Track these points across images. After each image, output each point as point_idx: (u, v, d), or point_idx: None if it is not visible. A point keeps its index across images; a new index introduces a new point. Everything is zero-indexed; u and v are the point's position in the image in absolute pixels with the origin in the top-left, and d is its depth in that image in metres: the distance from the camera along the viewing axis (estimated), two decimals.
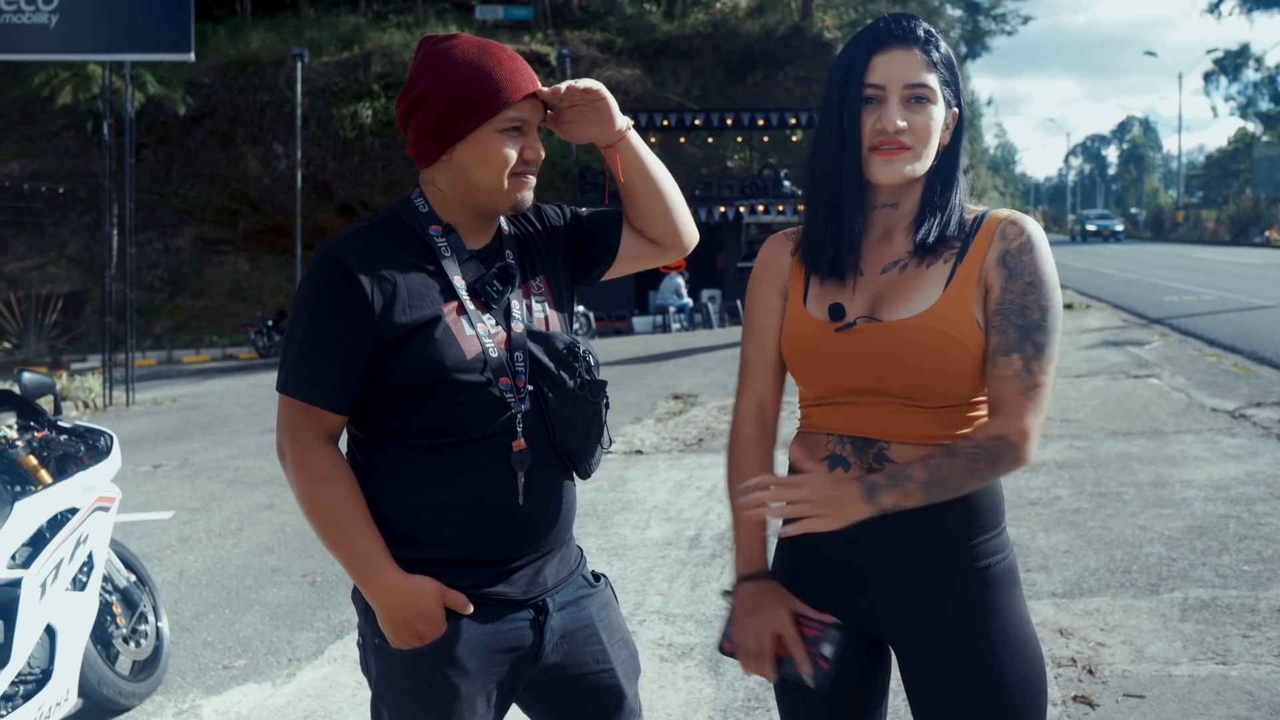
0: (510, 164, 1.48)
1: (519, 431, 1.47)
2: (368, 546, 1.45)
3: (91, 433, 3.29)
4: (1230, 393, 7.28)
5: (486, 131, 1.47)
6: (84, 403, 11.46)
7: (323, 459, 1.46)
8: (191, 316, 22.35)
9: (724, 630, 1.54)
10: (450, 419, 1.46)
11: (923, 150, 1.42)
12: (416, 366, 1.44)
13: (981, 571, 1.43)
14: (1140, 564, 3.94)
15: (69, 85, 20.66)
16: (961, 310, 1.40)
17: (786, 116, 20.84)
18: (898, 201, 1.47)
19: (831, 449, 1.46)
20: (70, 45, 11.12)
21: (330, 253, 1.46)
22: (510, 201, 1.51)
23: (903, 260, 1.46)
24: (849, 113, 1.42)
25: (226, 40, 25.49)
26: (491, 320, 1.50)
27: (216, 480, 6.88)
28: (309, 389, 1.46)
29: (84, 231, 22.25)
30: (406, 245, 1.50)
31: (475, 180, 1.50)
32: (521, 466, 1.47)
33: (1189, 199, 60.61)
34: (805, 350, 1.49)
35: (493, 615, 1.50)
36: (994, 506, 1.46)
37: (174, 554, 5.09)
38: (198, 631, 4.02)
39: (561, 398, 1.50)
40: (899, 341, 1.41)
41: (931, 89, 1.41)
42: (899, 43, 1.41)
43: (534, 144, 1.51)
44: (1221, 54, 56.43)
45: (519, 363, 1.49)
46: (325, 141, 23.51)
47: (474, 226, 1.56)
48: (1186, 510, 4.57)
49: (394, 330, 1.43)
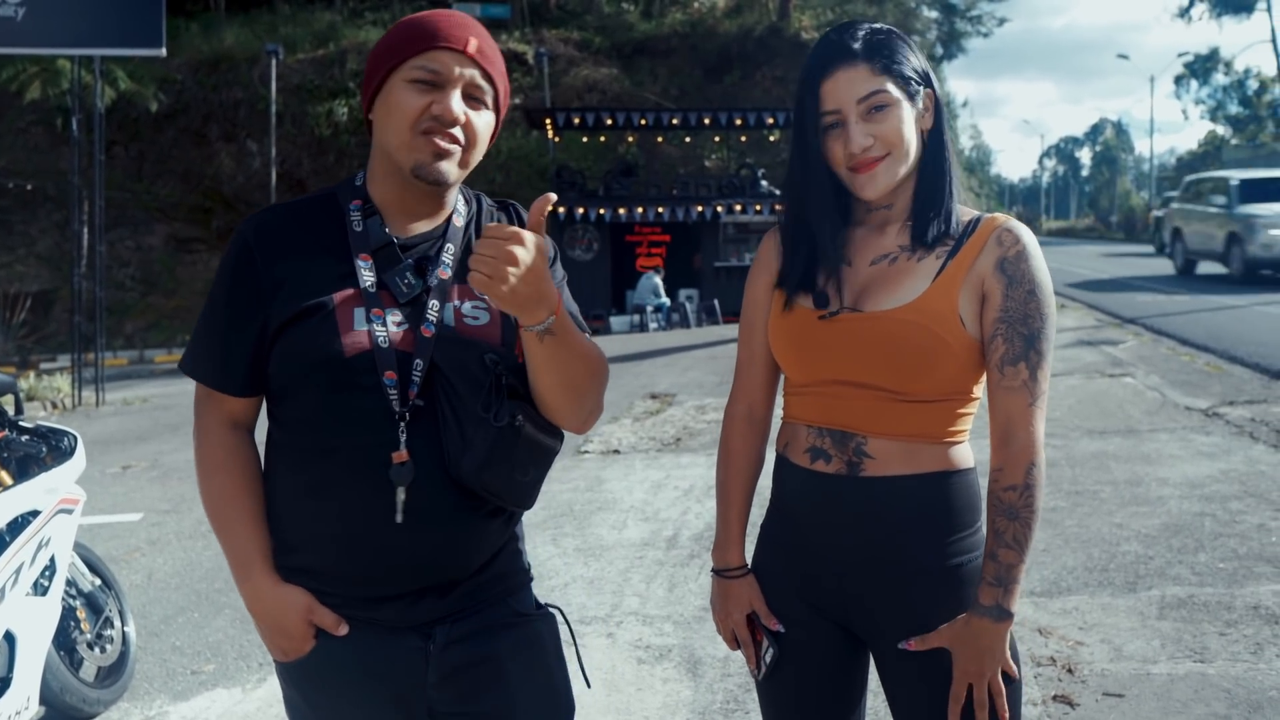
0: (412, 115, 1.31)
1: (401, 443, 1.29)
2: (243, 546, 1.38)
3: (55, 433, 3.20)
4: (1203, 391, 7.33)
5: (394, 81, 1.33)
6: (52, 403, 11.26)
7: (217, 446, 1.41)
8: (164, 315, 22.07)
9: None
10: (324, 419, 1.33)
11: (900, 151, 1.41)
12: (291, 356, 1.32)
13: (955, 569, 1.43)
14: (1118, 562, 3.94)
15: (37, 80, 20.33)
16: (945, 304, 1.39)
17: (764, 116, 20.83)
18: (891, 203, 1.47)
19: (812, 441, 1.47)
20: (38, 39, 10.89)
21: (241, 228, 1.40)
22: (412, 161, 1.32)
23: (893, 254, 1.46)
24: (810, 145, 1.44)
25: (199, 36, 25.19)
26: (399, 316, 1.33)
27: (187, 481, 6.76)
28: (197, 365, 1.42)
29: (53, 229, 21.91)
30: (326, 224, 1.38)
31: (381, 138, 1.36)
32: (401, 481, 1.29)
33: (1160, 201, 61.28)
34: (788, 338, 1.48)
35: (370, 639, 1.37)
36: (970, 505, 1.46)
37: (142, 556, 5.00)
38: (166, 635, 3.93)
39: (460, 416, 1.30)
40: (879, 332, 1.40)
41: (887, 93, 1.39)
42: (841, 63, 1.40)
43: (447, 102, 1.31)
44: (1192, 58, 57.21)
45: (416, 369, 1.31)
46: (300, 139, 23.29)
47: (407, 208, 1.39)
48: (1162, 508, 4.58)
49: (278, 315, 1.32)
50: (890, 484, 1.41)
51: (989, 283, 1.40)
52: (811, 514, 1.46)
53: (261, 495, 1.41)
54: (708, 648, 3.43)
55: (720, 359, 12.56)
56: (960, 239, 1.43)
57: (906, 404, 1.40)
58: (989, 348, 1.40)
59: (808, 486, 1.46)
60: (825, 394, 1.45)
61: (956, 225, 1.44)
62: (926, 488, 1.41)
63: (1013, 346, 1.38)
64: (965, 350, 1.40)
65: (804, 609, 1.50)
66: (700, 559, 4.38)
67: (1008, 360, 1.38)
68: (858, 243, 1.48)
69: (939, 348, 1.38)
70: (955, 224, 1.44)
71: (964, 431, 1.45)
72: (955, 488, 1.43)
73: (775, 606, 1.52)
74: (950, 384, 1.41)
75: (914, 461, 1.41)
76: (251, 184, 22.99)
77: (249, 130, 23.46)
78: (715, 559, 1.59)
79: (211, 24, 26.35)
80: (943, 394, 1.41)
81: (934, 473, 1.41)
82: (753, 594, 1.54)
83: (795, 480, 1.49)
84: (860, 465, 1.42)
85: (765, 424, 1.60)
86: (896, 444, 1.41)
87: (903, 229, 1.47)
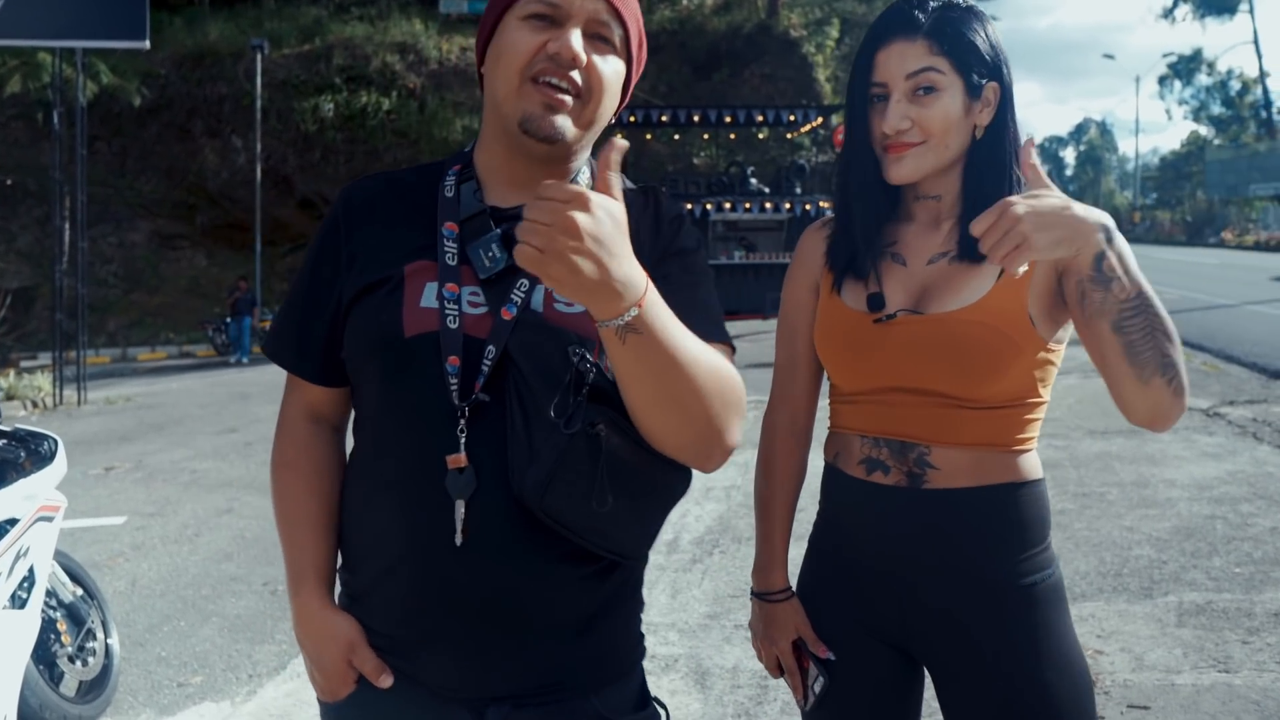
0: (524, 56, 1.08)
1: (460, 444, 1.06)
2: (298, 557, 1.22)
3: (34, 437, 3.06)
4: (1203, 391, 7.29)
5: (508, 20, 1.11)
6: (33, 402, 11.05)
7: (290, 441, 1.24)
8: (147, 313, 21.79)
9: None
10: (381, 412, 1.14)
11: (937, 142, 1.30)
12: (356, 336, 1.14)
13: (1028, 589, 1.32)
14: (1131, 567, 3.86)
15: (18, 74, 20.02)
16: (1014, 304, 1.28)
17: (753, 114, 20.75)
18: (939, 193, 1.37)
19: (867, 452, 1.36)
20: (17, 30, 10.66)
21: (341, 191, 1.24)
22: (520, 113, 1.09)
23: (950, 251, 1.35)
24: (859, 115, 1.35)
25: (184, 30, 24.88)
26: (481, 296, 1.11)
27: (172, 483, 6.61)
28: (273, 343, 1.25)
29: (34, 225, 21.59)
30: (421, 193, 1.19)
31: (490, 90, 1.14)
32: (460, 493, 1.05)
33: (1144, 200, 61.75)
34: (839, 342, 1.37)
35: (412, 705, 1.13)
36: (1041, 518, 1.35)
37: (126, 562, 4.84)
38: (151, 646, 3.79)
39: (530, 418, 1.04)
40: (944, 335, 1.29)
41: (938, 74, 1.28)
42: (899, 34, 1.30)
43: (565, 38, 1.07)
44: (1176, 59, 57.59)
45: (487, 357, 1.07)
46: (285, 135, 23.02)
47: (514, 175, 1.16)
48: (1172, 511, 4.51)
49: (350, 287, 1.15)
50: (956, 497, 1.30)
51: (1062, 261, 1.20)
52: (868, 529, 1.35)
53: (333, 501, 1.22)
54: (715, 657, 3.32)
55: None
56: None
57: (972, 411, 1.30)
58: (1080, 297, 1.19)
59: (864, 500, 1.35)
60: (882, 402, 1.34)
61: None
62: (995, 500, 1.30)
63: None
64: (1035, 351, 1.29)
65: (857, 631, 1.39)
66: (702, 564, 4.27)
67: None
68: (910, 240, 1.38)
69: (1009, 350, 1.27)
70: None
71: (1033, 439, 1.34)
72: (1025, 500, 1.32)
73: (824, 630, 1.41)
74: (1019, 388, 1.30)
75: (981, 472, 1.30)
76: (236, 180, 22.72)
77: (234, 126, 23.18)
78: (757, 581, 1.47)
79: (196, 18, 26.03)
80: (1011, 399, 1.30)
81: (1003, 484, 1.30)
82: (799, 619, 1.43)
83: (849, 493, 1.38)
84: (923, 477, 1.31)
85: (808, 434, 1.48)
86: (963, 453, 1.30)
87: (957, 227, 1.36)
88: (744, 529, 4.78)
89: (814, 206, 20.55)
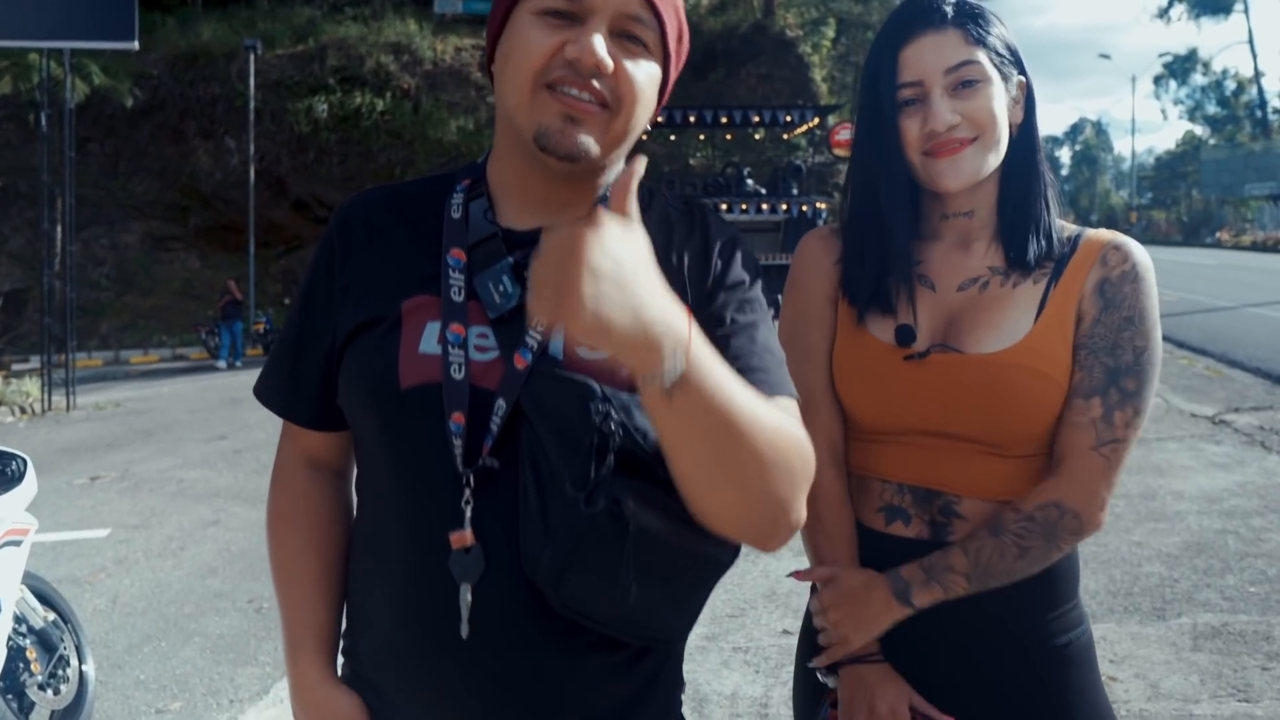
0: (537, 61, 0.90)
1: (465, 519, 0.90)
2: (295, 620, 1.06)
3: (2, 457, 2.93)
4: (1207, 397, 7.18)
5: (519, 13, 0.94)
6: (20, 408, 10.90)
7: (286, 491, 1.10)
8: (140, 315, 21.62)
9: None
10: (378, 472, 0.98)
11: (991, 137, 1.17)
12: (347, 382, 0.99)
13: (1060, 649, 1.21)
14: (1141, 585, 3.75)
15: (8, 75, 19.83)
16: (1057, 344, 1.16)
17: (749, 114, 20.66)
18: (971, 209, 1.23)
19: (888, 499, 1.23)
20: (4, 31, 10.52)
21: (338, 210, 1.07)
22: (535, 126, 0.91)
23: (983, 277, 1.22)
24: (885, 123, 1.18)
25: (176, 31, 24.72)
26: (490, 339, 0.94)
27: (158, 494, 6.48)
28: (263, 385, 1.09)
29: (25, 227, 21.41)
30: (425, 211, 1.02)
31: (500, 96, 0.97)
32: (467, 576, 0.89)
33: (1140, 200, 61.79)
34: (863, 378, 1.23)
35: None
36: (1071, 573, 1.23)
37: (108, 577, 4.71)
38: (129, 668, 3.66)
39: (545, 490, 0.88)
40: (984, 378, 1.16)
41: (980, 65, 1.16)
42: (927, 27, 1.16)
43: (586, 40, 0.89)
44: (1171, 58, 57.64)
45: (496, 413, 0.90)
46: (279, 136, 22.86)
47: (530, 192, 0.98)
48: (1181, 525, 4.40)
49: (344, 325, 0.99)
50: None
51: (1084, 305, 1.17)
52: None
53: (335, 556, 1.07)
54: (713, 683, 3.20)
55: None
56: (1061, 261, 1.20)
57: (1008, 459, 1.17)
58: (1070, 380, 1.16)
59: (883, 553, 1.22)
60: (907, 445, 1.21)
61: (1058, 244, 1.21)
62: None
63: (1089, 376, 1.15)
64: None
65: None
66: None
67: (1078, 392, 1.15)
68: (938, 262, 1.24)
69: (1054, 395, 1.15)
70: (1057, 242, 1.21)
71: None
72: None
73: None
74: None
75: None
76: (229, 181, 22.57)
77: (227, 127, 23.03)
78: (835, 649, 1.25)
79: (189, 18, 25.87)
80: (1047, 447, 1.18)
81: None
82: (901, 682, 1.20)
83: (865, 545, 1.24)
84: (947, 528, 1.19)
85: (845, 462, 1.30)
86: (993, 505, 1.18)
87: (992, 246, 1.23)
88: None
89: (811, 207, 20.46)
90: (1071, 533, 1.14)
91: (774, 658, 3.36)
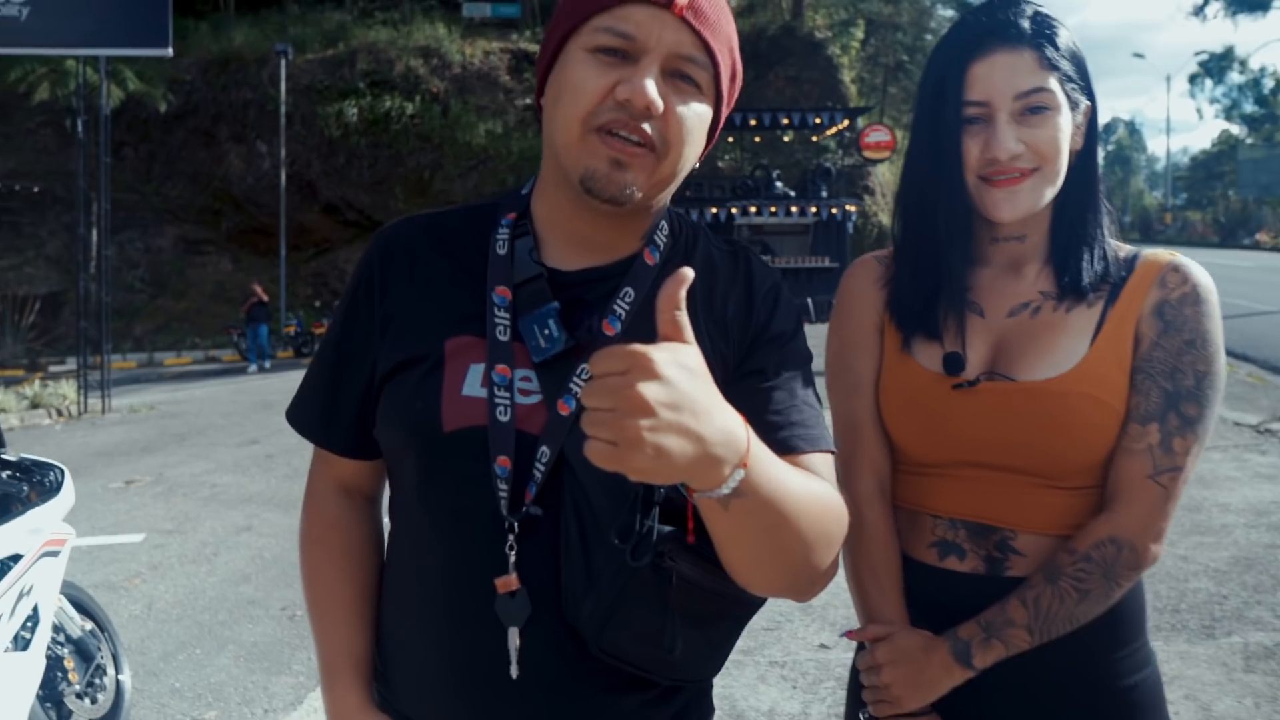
0: (589, 101, 0.89)
1: (510, 564, 0.91)
2: (330, 646, 1.07)
3: (40, 467, 2.94)
4: (1251, 405, 7.03)
5: (571, 50, 0.93)
6: (57, 410, 11.05)
7: (319, 516, 1.10)
8: (173, 318, 21.90)
9: None
10: (420, 512, 0.98)
11: (1051, 170, 1.12)
12: (386, 419, 0.99)
13: (1128, 691, 1.15)
14: (1189, 602, 3.65)
15: (46, 81, 20.16)
16: (1114, 369, 1.11)
17: (778, 117, 20.57)
18: (1024, 233, 1.18)
19: (940, 534, 1.18)
20: (42, 39, 10.69)
21: (371, 242, 1.06)
22: (582, 169, 0.91)
23: (1035, 302, 1.17)
24: (946, 139, 1.13)
25: (209, 36, 25.02)
26: (534, 382, 0.94)
27: (192, 498, 6.52)
28: (297, 410, 1.09)
29: (62, 231, 21.74)
30: (469, 244, 1.01)
31: (549, 133, 0.96)
32: (514, 620, 0.91)
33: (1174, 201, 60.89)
34: (911, 408, 1.18)
35: None
36: (1138, 610, 1.18)
37: (143, 583, 4.74)
38: (165, 676, 3.67)
39: (589, 539, 0.89)
40: (1037, 408, 1.11)
41: (1050, 93, 1.10)
42: (1001, 42, 1.10)
43: (639, 80, 0.88)
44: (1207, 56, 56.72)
45: (540, 460, 0.91)
46: (310, 140, 23.07)
47: (576, 232, 0.98)
48: (1229, 539, 4.29)
49: (384, 360, 0.99)
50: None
51: (1142, 328, 1.12)
52: (941, 625, 1.17)
53: (370, 582, 1.08)
54: (750, 698, 3.15)
55: None
56: (1118, 284, 1.15)
57: (1065, 491, 1.12)
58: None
59: (937, 589, 1.17)
60: (960, 477, 1.16)
61: (1114, 266, 1.16)
62: None
63: (1146, 401, 1.09)
64: None
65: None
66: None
67: (1134, 417, 1.10)
68: (987, 287, 1.19)
69: (1112, 422, 1.10)
70: (1112, 264, 1.16)
71: None
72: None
73: None
74: None
75: None
76: (261, 185, 22.80)
77: (258, 131, 23.26)
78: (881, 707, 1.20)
79: (221, 24, 26.17)
80: (1105, 479, 1.13)
81: None
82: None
83: (918, 582, 1.20)
84: (1004, 563, 1.14)
85: (893, 497, 1.25)
86: (1051, 539, 1.13)
87: (1043, 271, 1.18)
88: None
89: (840, 210, 20.34)
90: (1130, 568, 1.09)
91: (811, 673, 3.30)
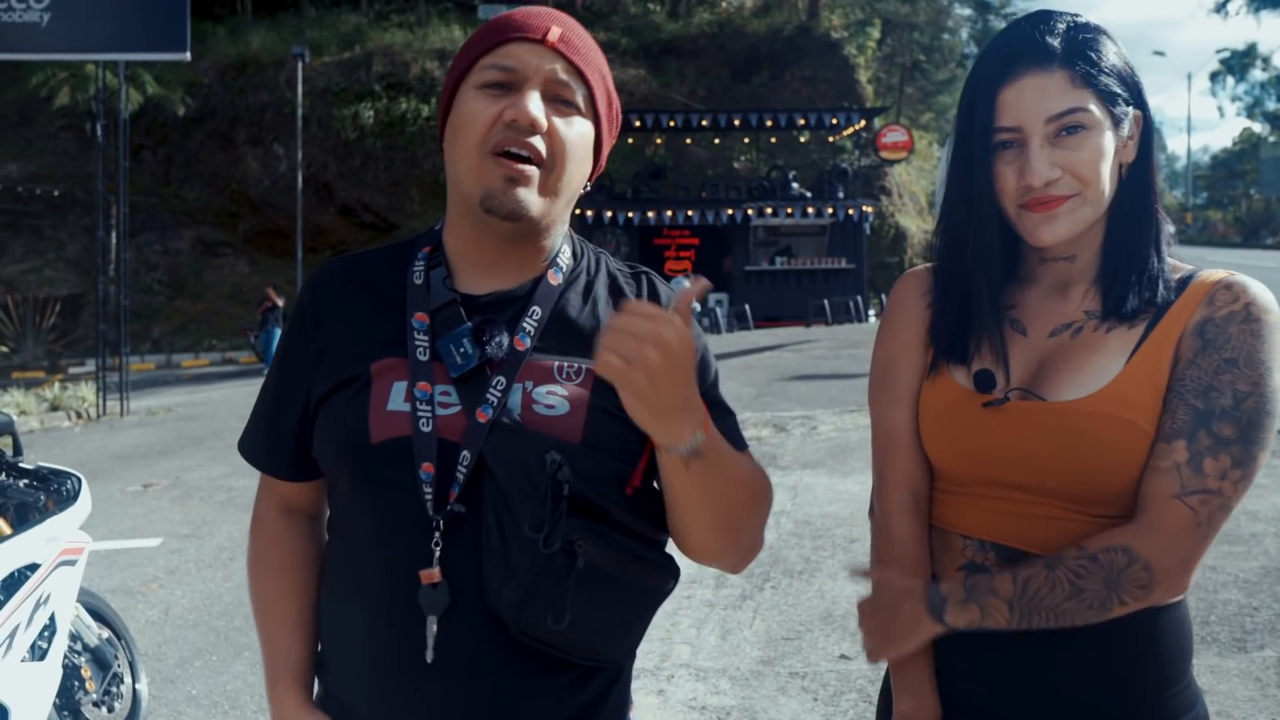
0: (481, 127, 1.03)
1: (434, 559, 1.01)
2: (272, 656, 1.17)
3: (57, 476, 2.93)
4: None
5: (464, 90, 1.07)
6: (77, 413, 11.12)
7: (263, 536, 1.21)
8: (191, 320, 22.03)
9: None
10: (353, 519, 1.09)
11: (1093, 192, 1.07)
12: (321, 438, 1.10)
13: None
14: (1219, 613, 3.58)
15: (66, 86, 20.33)
16: (1145, 391, 1.06)
17: (795, 117, 20.51)
18: (1073, 254, 1.13)
19: (970, 555, 1.13)
20: (62, 44, 10.78)
21: (309, 279, 1.20)
22: (481, 190, 1.04)
23: (1078, 322, 1.12)
24: (977, 169, 1.10)
25: (226, 40, 25.17)
26: (453, 396, 1.05)
27: (208, 502, 6.53)
28: (246, 441, 1.22)
29: (82, 234, 21.93)
30: (391, 278, 1.14)
31: (451, 167, 1.09)
32: (434, 609, 1.00)
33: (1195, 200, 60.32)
34: (942, 424, 1.15)
35: None
36: (1183, 649, 1.12)
37: (160, 588, 4.74)
38: (181, 683, 3.66)
39: (506, 532, 0.99)
40: (1063, 427, 1.06)
41: (1087, 112, 1.05)
42: (1031, 65, 1.06)
43: (522, 103, 1.02)
44: (1229, 54, 56.17)
45: (461, 464, 1.01)
46: (326, 143, 23.18)
47: (484, 257, 1.11)
48: (1259, 548, 4.21)
49: (318, 387, 1.11)
50: (1078, 628, 1.06)
51: (1182, 348, 1.06)
52: (971, 659, 1.13)
53: (310, 596, 1.18)
54: (770, 710, 3.11)
55: (755, 369, 12.24)
56: (1164, 305, 1.09)
57: (1093, 519, 1.07)
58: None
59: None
60: (988, 498, 1.12)
61: (1164, 289, 1.10)
62: (1127, 633, 1.07)
63: (1174, 419, 1.03)
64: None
65: None
66: (753, 600, 4.05)
67: (1162, 435, 1.04)
68: (1032, 306, 1.15)
69: (1142, 446, 1.05)
70: (1163, 287, 1.10)
71: None
72: (1164, 628, 1.09)
73: None
74: None
75: None
76: (278, 187, 22.91)
77: (275, 134, 23.38)
78: (905, 708, 1.17)
79: (238, 27, 26.33)
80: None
81: (1135, 611, 1.06)
82: None
83: None
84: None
85: (928, 512, 1.20)
86: None
87: (1091, 290, 1.13)
88: (795, 561, 4.56)
89: (857, 210, 20.25)
90: (1139, 585, 1.02)
91: (832, 685, 3.26)
